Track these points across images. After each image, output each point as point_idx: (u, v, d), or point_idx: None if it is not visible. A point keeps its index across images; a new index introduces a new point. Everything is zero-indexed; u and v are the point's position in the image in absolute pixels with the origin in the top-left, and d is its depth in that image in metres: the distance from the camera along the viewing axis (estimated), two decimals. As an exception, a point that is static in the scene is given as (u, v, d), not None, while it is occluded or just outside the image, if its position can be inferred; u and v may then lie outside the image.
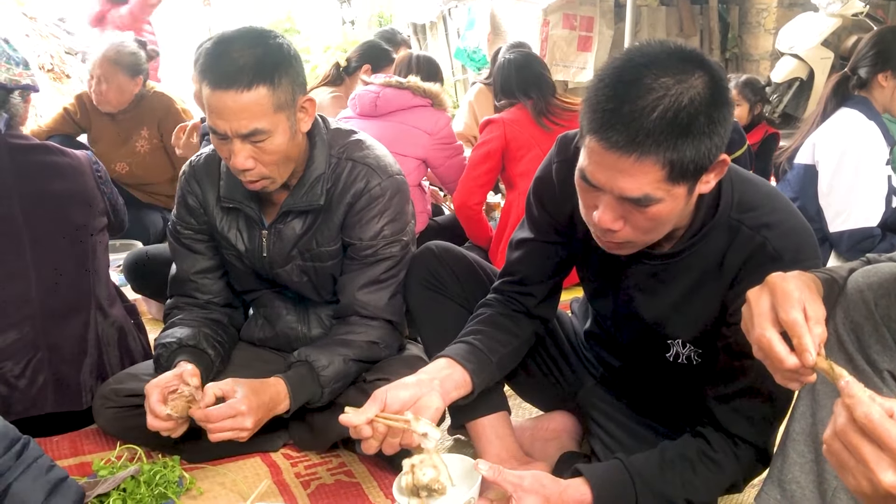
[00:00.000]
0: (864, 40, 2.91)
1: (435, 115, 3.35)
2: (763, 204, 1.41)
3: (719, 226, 1.40)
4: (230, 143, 1.68)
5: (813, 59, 6.47)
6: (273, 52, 1.67)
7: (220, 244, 1.99)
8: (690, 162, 1.21)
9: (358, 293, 1.89)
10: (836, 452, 0.89)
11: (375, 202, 1.86)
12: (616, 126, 1.20)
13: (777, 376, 1.10)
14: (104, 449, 1.99)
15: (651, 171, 1.21)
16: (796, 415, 1.30)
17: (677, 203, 1.27)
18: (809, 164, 2.88)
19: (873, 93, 2.84)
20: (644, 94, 1.19)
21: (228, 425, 1.64)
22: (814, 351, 1.02)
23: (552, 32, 6.90)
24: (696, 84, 1.21)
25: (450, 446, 2.07)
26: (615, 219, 1.29)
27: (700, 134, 1.20)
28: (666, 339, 1.55)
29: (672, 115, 1.18)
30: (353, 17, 9.43)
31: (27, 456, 1.38)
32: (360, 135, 1.96)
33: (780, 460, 1.30)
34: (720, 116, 1.22)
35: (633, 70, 1.22)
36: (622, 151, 1.20)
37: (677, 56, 1.23)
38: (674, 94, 1.19)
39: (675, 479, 1.43)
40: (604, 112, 1.21)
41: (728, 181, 1.41)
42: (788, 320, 1.05)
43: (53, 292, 2.01)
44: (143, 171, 3.66)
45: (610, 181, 1.25)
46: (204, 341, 1.89)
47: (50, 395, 1.99)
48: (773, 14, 7.44)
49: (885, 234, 2.80)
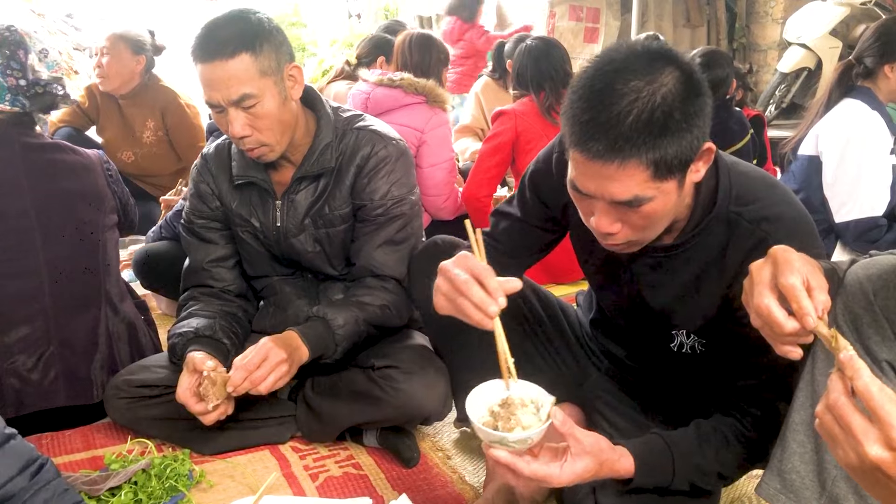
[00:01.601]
0: (868, 30, 2.90)
1: (429, 113, 3.28)
2: (761, 196, 1.42)
3: (718, 218, 1.41)
4: (226, 114, 1.78)
5: (821, 48, 6.42)
6: (253, 24, 1.79)
7: (234, 224, 2.04)
8: (674, 158, 1.23)
9: (375, 252, 1.95)
10: (827, 425, 0.91)
11: (382, 163, 1.94)
12: (595, 136, 1.22)
13: (777, 346, 1.10)
14: (116, 442, 2.02)
15: (636, 173, 1.22)
16: (796, 405, 1.30)
17: (669, 198, 1.29)
18: (813, 155, 2.88)
19: (878, 83, 2.84)
20: (617, 100, 1.21)
21: (265, 370, 1.72)
22: (814, 314, 1.03)
23: (558, 24, 6.88)
24: (667, 81, 1.23)
25: (457, 438, 2.09)
26: (612, 222, 1.31)
27: (678, 129, 1.22)
28: (670, 329, 1.56)
29: (647, 116, 1.20)
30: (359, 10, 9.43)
31: (41, 478, 1.38)
32: (358, 112, 2.05)
33: (779, 450, 1.31)
34: (696, 108, 1.24)
35: (603, 77, 1.24)
36: (605, 159, 1.22)
37: (644, 57, 1.25)
38: (646, 95, 1.21)
39: (709, 453, 1.45)
40: (581, 124, 1.24)
41: (725, 173, 1.42)
42: (787, 285, 1.05)
43: (65, 288, 2.04)
44: (149, 162, 3.69)
45: (599, 189, 1.27)
46: (220, 331, 1.93)
47: (62, 388, 2.02)
48: (780, 3, 7.39)
49: (892, 223, 2.80)
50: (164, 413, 1.95)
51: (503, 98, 4.42)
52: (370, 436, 2.00)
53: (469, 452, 2.02)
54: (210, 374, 1.76)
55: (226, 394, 1.76)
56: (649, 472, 1.42)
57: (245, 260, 2.09)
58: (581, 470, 1.32)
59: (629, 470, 1.41)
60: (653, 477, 1.43)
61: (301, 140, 1.93)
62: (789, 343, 1.09)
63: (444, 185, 3.37)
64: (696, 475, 1.45)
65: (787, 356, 1.11)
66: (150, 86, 3.63)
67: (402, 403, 1.83)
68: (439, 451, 2.02)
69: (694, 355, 1.56)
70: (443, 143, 3.36)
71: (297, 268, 2.07)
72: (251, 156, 1.88)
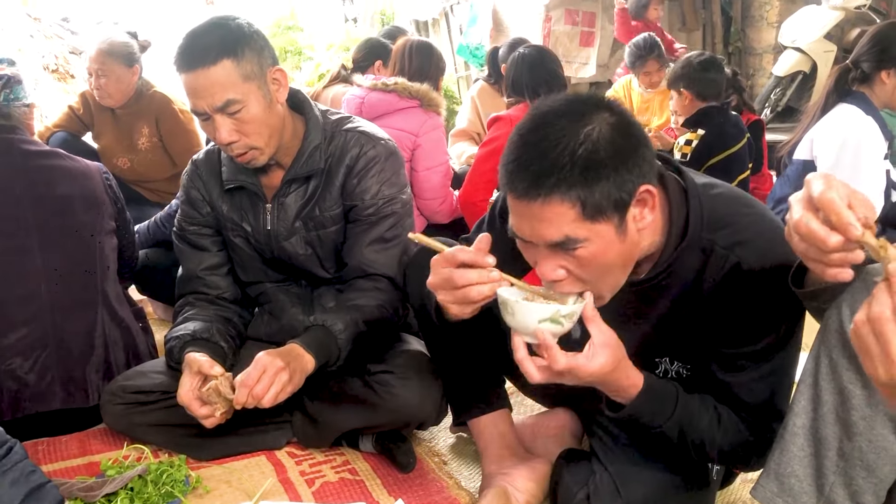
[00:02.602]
0: (866, 35, 2.90)
1: (423, 117, 3.27)
2: (733, 220, 1.40)
3: (692, 246, 1.39)
4: (212, 121, 1.79)
5: (816, 52, 6.44)
6: (233, 31, 1.79)
7: (226, 229, 2.04)
8: (602, 197, 1.21)
9: (366, 250, 1.95)
10: (863, 337, 0.89)
11: (372, 163, 1.95)
12: (520, 176, 1.23)
13: (824, 270, 1.05)
14: (112, 448, 2.02)
15: (562, 210, 1.22)
16: (797, 409, 1.30)
17: (608, 243, 1.26)
18: (808, 160, 2.88)
19: (874, 88, 2.84)
20: (542, 140, 1.23)
21: (266, 382, 1.70)
22: (858, 224, 0.98)
23: (554, 28, 6.89)
24: (595, 122, 1.23)
25: (452, 443, 2.09)
26: (554, 269, 1.30)
27: (603, 168, 1.21)
28: (653, 357, 1.55)
29: (570, 152, 1.20)
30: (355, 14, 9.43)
31: (8, 460, 1.40)
32: (346, 114, 2.06)
33: (777, 453, 1.31)
34: (626, 150, 1.23)
35: (534, 122, 1.26)
36: (529, 197, 1.23)
37: (578, 103, 1.27)
38: (570, 134, 1.21)
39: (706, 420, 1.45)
40: (509, 167, 1.25)
41: (695, 199, 1.39)
42: (824, 199, 1.01)
43: (62, 290, 2.05)
44: (144, 167, 3.68)
45: (532, 231, 1.27)
46: (217, 334, 1.94)
47: (58, 391, 2.02)
48: (775, 7, 7.42)
49: (885, 228, 2.81)
50: (161, 419, 1.95)
51: (499, 102, 4.43)
52: (366, 441, 2.00)
53: (465, 457, 2.02)
54: (220, 380, 1.75)
55: (229, 404, 1.76)
56: (650, 400, 1.42)
57: (237, 265, 2.08)
58: (603, 362, 1.31)
59: (636, 385, 1.41)
60: (650, 406, 1.43)
61: (289, 143, 1.93)
62: (836, 263, 1.04)
63: (439, 188, 3.37)
64: (688, 429, 1.45)
65: (837, 279, 1.05)
66: (144, 93, 3.62)
67: (398, 408, 1.83)
68: (435, 457, 2.02)
69: (680, 380, 1.55)
70: (437, 146, 3.36)
71: (290, 272, 2.07)
72: (240, 161, 1.88)
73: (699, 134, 3.44)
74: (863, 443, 1.21)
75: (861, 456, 1.21)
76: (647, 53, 4.69)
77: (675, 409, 1.44)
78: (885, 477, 1.23)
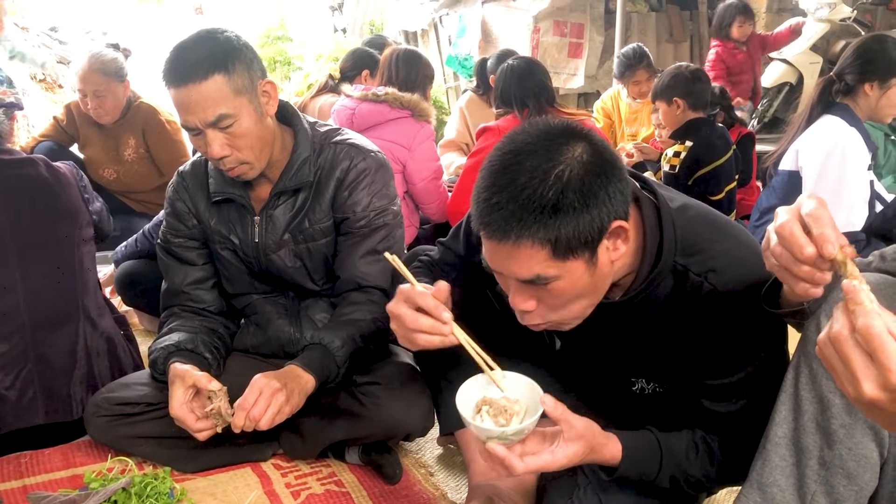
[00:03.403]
0: (849, 48, 2.94)
1: (414, 127, 3.29)
2: (707, 246, 1.39)
3: (665, 271, 1.39)
4: (203, 136, 1.77)
5: (802, 63, 6.50)
6: (223, 44, 1.77)
7: (213, 242, 2.03)
8: (572, 237, 1.22)
9: (359, 262, 1.95)
10: (827, 357, 0.91)
11: (362, 175, 1.95)
12: (491, 216, 1.24)
13: (794, 280, 1.08)
14: (96, 461, 2.00)
15: (532, 252, 1.23)
16: (778, 419, 1.31)
17: (578, 276, 1.27)
18: (793, 171, 2.91)
19: (857, 100, 2.87)
20: (511, 182, 1.22)
21: (262, 404, 1.68)
22: (836, 244, 1.01)
23: (543, 39, 6.93)
24: (566, 161, 1.22)
25: (439, 455, 2.09)
26: (525, 300, 1.32)
27: (571, 209, 1.21)
28: (629, 376, 1.56)
29: (538, 196, 1.20)
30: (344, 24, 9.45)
31: None
32: (336, 126, 2.06)
33: (760, 463, 1.31)
34: (596, 186, 1.23)
35: (504, 159, 1.26)
36: (500, 240, 1.24)
37: (546, 136, 1.26)
38: (538, 175, 1.21)
39: (696, 458, 1.46)
40: (479, 205, 1.26)
41: (669, 224, 1.39)
42: (814, 213, 1.03)
43: (41, 305, 2.03)
44: (131, 178, 3.68)
45: (503, 267, 1.29)
46: (201, 345, 1.93)
47: (40, 406, 2.00)
48: (762, 19, 7.48)
49: (870, 239, 2.83)
50: (145, 431, 1.94)
51: (487, 113, 4.44)
52: (352, 453, 1.99)
53: (452, 469, 2.02)
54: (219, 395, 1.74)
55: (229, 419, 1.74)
56: (636, 462, 1.44)
57: (224, 277, 2.08)
58: (572, 454, 1.34)
59: (615, 456, 1.43)
60: (638, 468, 1.44)
61: (278, 156, 1.93)
62: (806, 276, 1.06)
63: (432, 192, 3.43)
64: (679, 475, 1.46)
65: (806, 294, 1.08)
66: (131, 104, 3.62)
67: (384, 420, 1.83)
68: (422, 468, 2.02)
69: (655, 395, 1.55)
70: (429, 156, 3.39)
71: (278, 285, 2.06)
72: (231, 175, 1.87)
73: (687, 146, 3.47)
74: (843, 451, 1.22)
75: (842, 464, 1.23)
76: (636, 63, 4.72)
77: (661, 463, 1.45)
78: (866, 485, 1.24)
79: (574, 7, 7.04)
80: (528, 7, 7.02)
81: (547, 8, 6.90)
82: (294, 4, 10.22)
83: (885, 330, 0.86)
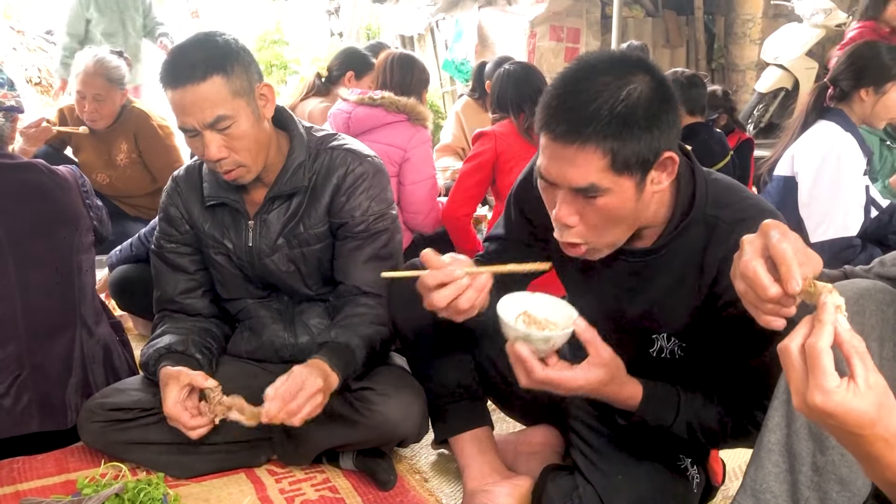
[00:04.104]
0: (842, 54, 2.95)
1: (410, 131, 3.27)
2: (736, 200, 1.45)
3: (696, 221, 1.44)
4: (201, 138, 1.77)
5: (798, 69, 6.53)
6: (221, 47, 1.78)
7: (206, 247, 2.02)
8: (632, 153, 1.29)
9: (362, 268, 1.94)
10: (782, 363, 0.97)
11: (360, 180, 1.94)
12: (559, 118, 1.30)
13: (759, 315, 1.11)
14: (89, 466, 1.99)
15: (593, 159, 1.29)
16: (771, 425, 1.31)
17: (626, 198, 1.33)
18: (789, 176, 2.91)
19: (852, 106, 2.89)
20: (586, 90, 1.29)
21: (302, 399, 1.66)
22: (800, 280, 1.03)
23: (539, 44, 6.94)
24: (636, 82, 1.30)
25: (433, 461, 2.08)
26: (571, 213, 1.36)
27: (637, 126, 1.28)
28: (650, 333, 1.56)
29: (609, 106, 1.27)
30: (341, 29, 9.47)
31: None
32: (332, 131, 2.06)
33: (753, 469, 1.32)
34: (660, 113, 1.31)
35: (578, 72, 1.34)
36: (566, 140, 1.29)
37: (620, 60, 1.34)
38: (613, 88, 1.28)
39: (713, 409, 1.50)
40: (550, 108, 1.32)
41: (702, 179, 1.46)
42: (779, 249, 1.06)
43: (38, 312, 2.01)
44: (123, 183, 3.67)
45: (559, 173, 1.33)
46: (192, 347, 1.93)
47: (35, 414, 1.98)
48: (758, 25, 7.50)
49: (865, 244, 2.84)
50: (139, 437, 1.93)
51: (483, 118, 4.44)
52: (346, 458, 1.99)
53: (446, 475, 2.01)
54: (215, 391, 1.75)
55: (225, 412, 1.73)
56: (654, 404, 1.48)
57: (218, 282, 2.07)
58: (594, 377, 1.38)
59: (634, 396, 1.47)
60: (656, 411, 1.48)
61: (274, 159, 1.93)
62: (771, 312, 1.09)
63: (425, 200, 3.37)
64: (696, 423, 1.49)
65: (769, 326, 1.11)
66: (124, 110, 3.61)
67: (379, 425, 1.82)
68: (416, 474, 2.01)
69: (673, 361, 1.56)
70: (425, 160, 3.36)
71: (272, 289, 2.06)
72: (227, 178, 1.86)
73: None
74: (835, 456, 1.22)
75: (834, 469, 1.23)
76: None
77: (678, 408, 1.49)
78: (859, 490, 1.24)
79: (570, 12, 7.06)
80: (524, 12, 7.04)
81: (543, 13, 6.91)
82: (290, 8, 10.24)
83: (826, 350, 0.91)
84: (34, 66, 6.86)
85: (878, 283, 1.29)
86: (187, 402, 1.78)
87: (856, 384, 0.92)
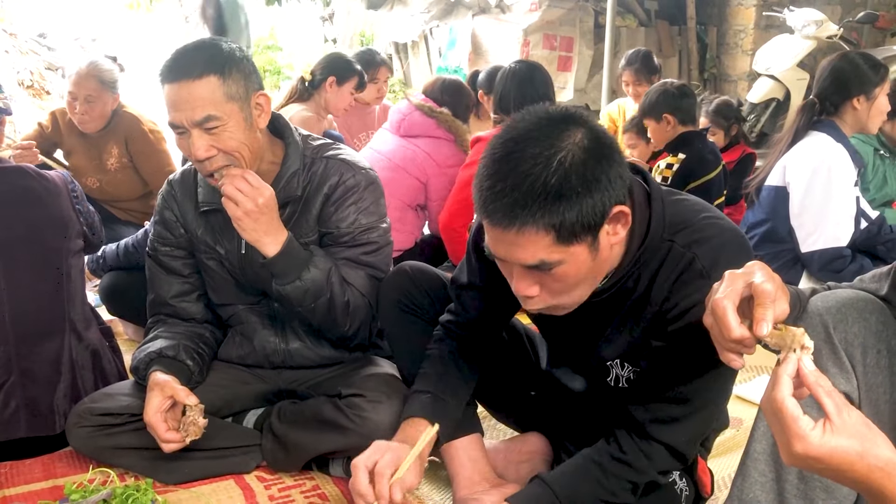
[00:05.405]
0: (823, 70, 2.97)
1: (453, 151, 3.37)
2: (696, 221, 1.42)
3: (652, 248, 1.41)
4: (188, 136, 1.76)
5: (789, 80, 6.56)
6: (224, 51, 1.79)
7: (199, 252, 2.01)
8: (576, 222, 1.24)
9: (340, 264, 1.91)
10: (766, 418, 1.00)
11: (350, 192, 1.93)
12: (495, 203, 1.26)
13: (721, 351, 1.13)
14: (77, 472, 1.98)
15: (537, 238, 1.25)
16: (757, 434, 1.33)
17: (581, 261, 1.31)
18: (780, 186, 2.93)
19: (844, 117, 2.91)
20: (515, 168, 1.25)
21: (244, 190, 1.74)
22: (770, 326, 1.05)
23: (533, 52, 6.96)
24: (567, 146, 1.25)
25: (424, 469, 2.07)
26: (529, 285, 1.34)
27: (575, 194, 1.23)
28: (605, 361, 1.57)
29: (542, 182, 1.23)
30: (335, 35, 9.48)
31: None
32: (329, 140, 2.05)
33: (740, 479, 1.33)
34: (597, 171, 1.25)
35: (506, 146, 1.28)
36: (504, 226, 1.26)
37: (548, 123, 1.29)
38: (542, 161, 1.24)
39: (590, 486, 1.49)
40: (482, 193, 1.28)
41: (659, 202, 1.42)
42: (761, 289, 1.07)
43: (27, 317, 2.00)
44: (114, 187, 3.66)
45: (507, 254, 1.31)
46: (183, 352, 1.92)
47: (23, 419, 1.97)
48: (750, 35, 7.56)
49: (856, 254, 2.85)
50: (128, 442, 1.92)
51: (477, 125, 4.44)
52: (336, 465, 1.98)
53: (436, 482, 2.01)
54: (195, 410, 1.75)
55: (197, 434, 1.75)
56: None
57: (210, 287, 2.07)
58: None
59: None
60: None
61: (268, 168, 1.92)
62: (733, 350, 1.12)
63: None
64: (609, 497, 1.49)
65: (729, 363, 1.13)
66: (115, 114, 3.60)
67: (369, 432, 1.81)
68: (406, 481, 2.00)
69: (626, 390, 1.56)
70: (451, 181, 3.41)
71: (263, 295, 2.05)
72: (213, 184, 1.85)
73: (680, 158, 3.49)
74: None
75: (819, 478, 1.24)
76: (626, 64, 4.76)
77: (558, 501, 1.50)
78: (844, 498, 1.25)
79: (564, 21, 7.10)
80: (518, 20, 7.08)
81: (537, 21, 6.95)
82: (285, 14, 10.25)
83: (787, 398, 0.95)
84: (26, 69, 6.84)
85: (860, 293, 1.31)
86: (168, 414, 1.78)
87: (831, 422, 0.94)
